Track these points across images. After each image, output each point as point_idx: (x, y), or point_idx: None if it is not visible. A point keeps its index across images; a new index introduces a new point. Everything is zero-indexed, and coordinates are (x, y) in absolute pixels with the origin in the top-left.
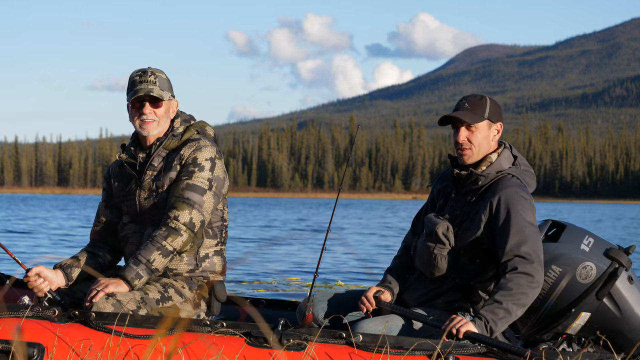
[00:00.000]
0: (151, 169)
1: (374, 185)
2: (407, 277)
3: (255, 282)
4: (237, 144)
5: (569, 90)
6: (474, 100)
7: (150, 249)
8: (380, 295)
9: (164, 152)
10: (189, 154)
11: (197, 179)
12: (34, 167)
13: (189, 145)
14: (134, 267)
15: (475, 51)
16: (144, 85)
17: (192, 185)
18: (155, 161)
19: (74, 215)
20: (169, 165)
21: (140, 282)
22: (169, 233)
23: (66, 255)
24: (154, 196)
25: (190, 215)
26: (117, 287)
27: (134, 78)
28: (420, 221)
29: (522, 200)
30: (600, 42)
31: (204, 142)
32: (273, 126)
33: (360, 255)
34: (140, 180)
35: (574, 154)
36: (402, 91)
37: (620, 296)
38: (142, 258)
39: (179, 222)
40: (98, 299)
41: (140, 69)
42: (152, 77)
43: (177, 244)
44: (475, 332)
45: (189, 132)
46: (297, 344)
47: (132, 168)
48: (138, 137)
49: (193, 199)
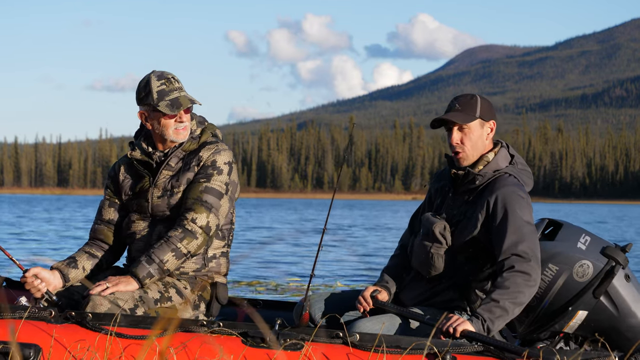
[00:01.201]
0: (168, 169)
1: (374, 186)
2: (404, 276)
3: (254, 282)
4: (236, 144)
5: (568, 90)
6: (464, 100)
7: (165, 250)
8: (377, 294)
9: (182, 153)
10: (207, 156)
11: (215, 182)
12: (34, 168)
13: (208, 147)
14: (147, 266)
15: (475, 52)
16: (177, 93)
17: (211, 189)
18: (172, 161)
19: (75, 216)
20: (187, 166)
21: (151, 282)
22: (185, 235)
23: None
24: (168, 195)
25: (208, 219)
26: (127, 286)
27: (160, 87)
28: (417, 220)
29: (519, 199)
30: (600, 43)
31: (222, 145)
32: (273, 127)
33: (360, 256)
34: (155, 179)
35: (574, 155)
36: (401, 92)
37: (618, 294)
38: (155, 257)
39: (195, 225)
40: (107, 293)
41: (160, 76)
42: (177, 83)
43: (191, 247)
44: (472, 331)
45: (206, 134)
46: (294, 344)
47: (145, 167)
48: (150, 137)
49: (211, 202)
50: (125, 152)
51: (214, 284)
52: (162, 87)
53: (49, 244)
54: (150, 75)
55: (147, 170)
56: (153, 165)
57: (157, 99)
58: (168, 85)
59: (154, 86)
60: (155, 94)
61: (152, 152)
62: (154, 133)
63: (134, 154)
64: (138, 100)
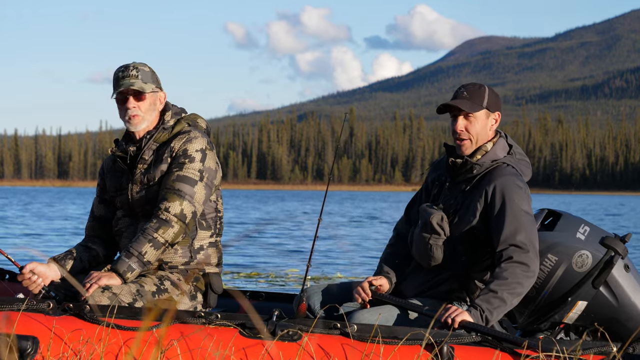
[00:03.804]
0: (142, 163)
1: (374, 178)
2: (403, 264)
3: (254, 273)
4: (237, 136)
5: (568, 82)
6: (472, 89)
7: (142, 242)
8: (378, 285)
9: (155, 145)
10: (179, 146)
11: (187, 170)
12: (34, 160)
13: (180, 137)
14: (126, 260)
15: (474, 43)
16: (126, 80)
17: (183, 177)
18: (146, 154)
19: (76, 209)
20: (159, 158)
21: (133, 275)
22: (160, 225)
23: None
24: (145, 189)
25: (181, 207)
26: (109, 280)
27: (117, 74)
28: (413, 209)
29: (517, 189)
30: (599, 34)
31: (194, 133)
32: (273, 118)
33: (360, 247)
34: (132, 174)
35: (574, 146)
36: (401, 83)
37: (617, 284)
38: (134, 251)
39: (169, 214)
40: (92, 291)
41: (123, 65)
42: (134, 71)
43: (168, 236)
44: (471, 322)
45: (180, 124)
46: (292, 335)
47: (123, 162)
48: (129, 132)
49: (184, 190)
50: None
51: (206, 274)
52: (117, 75)
53: (45, 236)
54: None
55: (126, 165)
56: (127, 160)
57: (113, 87)
58: (123, 73)
59: (114, 75)
60: (113, 82)
61: (127, 147)
62: (124, 124)
63: (114, 150)
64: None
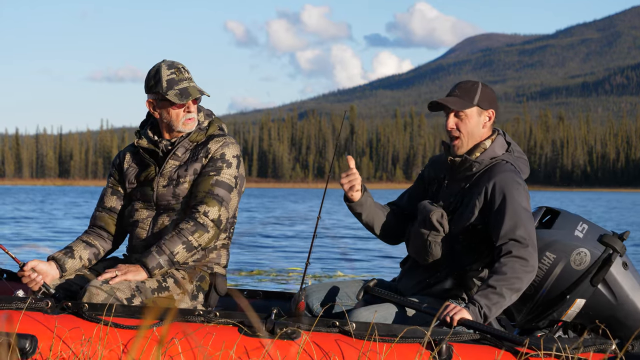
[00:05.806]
0: (175, 159)
1: (375, 175)
2: (388, 212)
3: (255, 271)
4: (237, 134)
5: (569, 79)
6: (465, 86)
7: (176, 242)
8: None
9: (189, 143)
10: (216, 149)
11: (225, 175)
12: (35, 159)
13: (216, 140)
14: (157, 257)
15: (475, 40)
16: (186, 83)
17: (221, 182)
18: (179, 151)
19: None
20: (194, 157)
21: (160, 273)
22: (197, 228)
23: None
24: (174, 185)
25: (219, 212)
26: (135, 276)
27: (170, 76)
28: (405, 196)
29: (517, 185)
30: (600, 31)
31: (230, 139)
32: (274, 116)
33: (360, 245)
34: (161, 168)
35: (575, 143)
36: (402, 81)
37: (615, 282)
38: (166, 249)
39: (207, 218)
40: (115, 282)
41: (170, 65)
42: (187, 73)
43: (202, 240)
44: (470, 320)
45: (213, 126)
46: (291, 333)
47: (151, 155)
48: (157, 126)
49: (222, 196)
50: (127, 142)
51: (212, 274)
52: (172, 76)
53: (46, 232)
54: (160, 64)
55: (153, 159)
56: (159, 154)
57: (167, 87)
58: (178, 74)
59: (163, 75)
60: (165, 83)
61: (159, 141)
62: (161, 122)
63: (140, 142)
64: (147, 88)
